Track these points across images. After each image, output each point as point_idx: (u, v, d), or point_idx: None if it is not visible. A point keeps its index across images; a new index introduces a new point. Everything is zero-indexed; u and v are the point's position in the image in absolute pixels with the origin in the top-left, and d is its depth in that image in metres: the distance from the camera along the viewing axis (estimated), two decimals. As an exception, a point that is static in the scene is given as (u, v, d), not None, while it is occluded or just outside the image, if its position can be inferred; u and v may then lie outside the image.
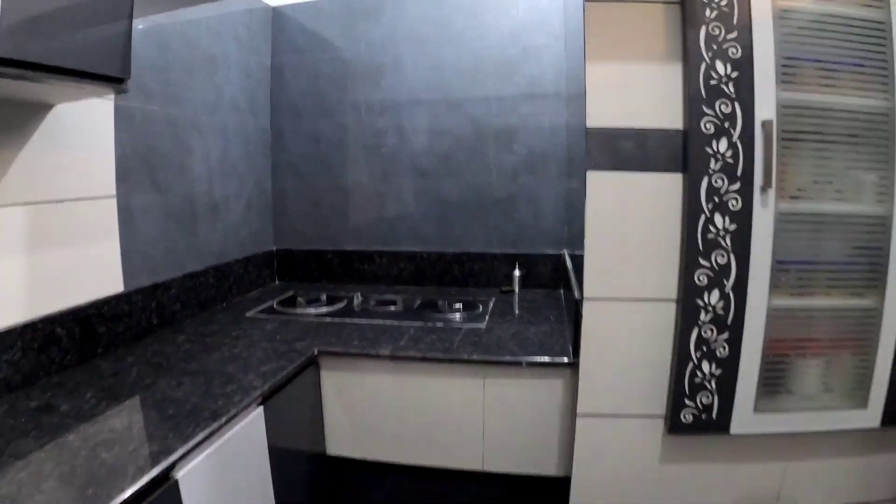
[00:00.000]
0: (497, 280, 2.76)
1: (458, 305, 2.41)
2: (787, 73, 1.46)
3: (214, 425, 1.40)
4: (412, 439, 1.98)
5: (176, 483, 1.25)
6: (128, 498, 1.09)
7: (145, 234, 2.11)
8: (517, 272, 2.60)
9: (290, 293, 2.74)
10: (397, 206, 2.86)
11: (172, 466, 1.24)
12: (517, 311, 2.41)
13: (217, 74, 2.51)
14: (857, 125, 1.49)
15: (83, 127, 1.81)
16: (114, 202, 1.95)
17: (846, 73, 1.48)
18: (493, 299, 2.59)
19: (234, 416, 1.49)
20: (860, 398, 1.57)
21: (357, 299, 2.56)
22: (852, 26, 1.46)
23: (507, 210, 2.73)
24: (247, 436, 1.56)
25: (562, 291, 2.65)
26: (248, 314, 2.41)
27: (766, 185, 1.45)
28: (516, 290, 2.61)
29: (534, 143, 2.67)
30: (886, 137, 1.48)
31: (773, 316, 1.52)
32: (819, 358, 1.57)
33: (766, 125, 1.44)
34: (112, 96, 1.91)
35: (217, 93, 2.52)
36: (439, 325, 2.23)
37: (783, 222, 1.49)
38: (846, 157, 1.50)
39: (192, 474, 1.30)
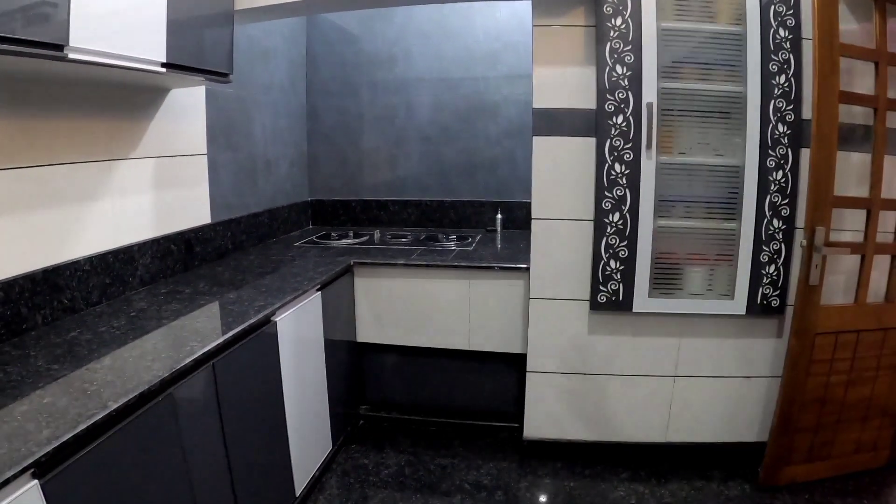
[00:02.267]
0: (484, 222, 3.56)
1: (453, 237, 3.22)
2: (670, 70, 2.21)
3: (290, 297, 2.18)
4: (418, 327, 2.78)
5: (275, 324, 2.06)
6: (251, 325, 1.88)
7: (224, 182, 2.90)
8: (499, 215, 3.41)
9: (324, 231, 3.54)
10: (406, 165, 3.66)
11: (273, 314, 2.04)
12: (498, 243, 3.21)
13: (269, 63, 3.29)
14: (726, 105, 2.23)
15: (187, 104, 2.59)
16: (205, 158, 2.74)
17: (719, 69, 2.22)
18: (480, 235, 3.38)
19: (305, 291, 2.29)
20: (729, 292, 2.34)
21: (377, 235, 3.36)
22: (720, 36, 2.20)
23: (492, 167, 3.51)
24: (310, 309, 2.36)
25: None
26: (296, 244, 3.22)
27: (648, 145, 2.23)
28: (498, 228, 3.42)
29: (513, 116, 3.44)
30: (740, 112, 2.23)
31: (661, 232, 2.30)
32: (700, 265, 2.35)
33: (648, 106, 2.21)
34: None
35: (270, 77, 3.30)
36: (438, 248, 3.03)
37: (664, 170, 2.27)
38: (720, 126, 2.25)
39: (284, 321, 2.11)
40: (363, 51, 3.60)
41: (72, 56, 1.56)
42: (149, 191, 2.40)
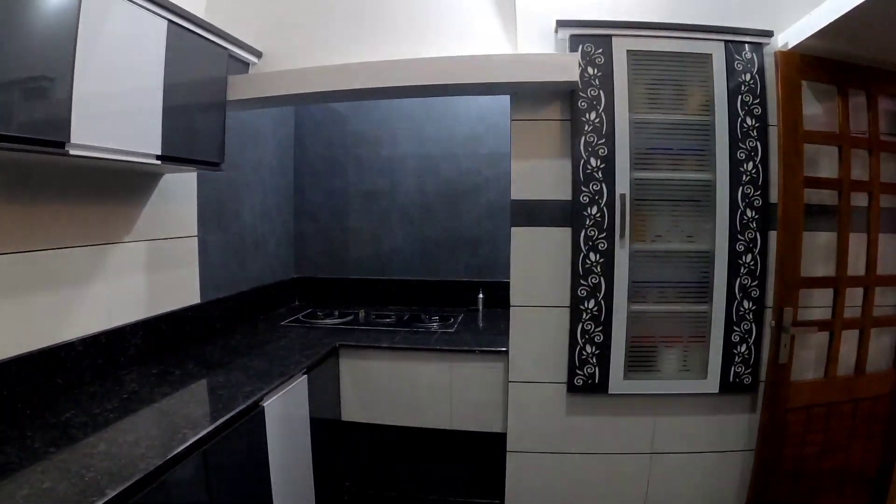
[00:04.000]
0: (467, 301, 3.64)
1: (436, 318, 3.29)
2: (642, 160, 2.33)
3: (277, 381, 2.22)
4: (401, 407, 2.81)
5: (263, 409, 2.09)
6: (240, 411, 1.92)
7: (214, 262, 2.97)
8: (481, 295, 3.50)
9: (310, 310, 3.60)
10: (391, 244, 3.76)
11: (261, 399, 2.08)
12: (480, 323, 3.28)
13: (259, 144, 3.42)
14: (697, 192, 2.35)
15: (179, 187, 2.68)
16: (195, 240, 2.82)
17: (689, 157, 2.35)
18: (462, 315, 3.45)
19: (291, 376, 2.33)
20: (702, 372, 2.41)
21: (361, 314, 3.42)
22: (689, 126, 2.33)
23: (473, 247, 3.62)
24: (297, 391, 2.40)
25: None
26: (282, 323, 3.27)
27: (622, 234, 2.34)
28: (480, 308, 3.50)
29: (494, 198, 3.58)
30: (710, 199, 2.34)
31: (636, 317, 2.38)
32: (673, 347, 2.43)
33: (622, 197, 2.34)
34: (197, 168, 2.80)
35: (259, 157, 3.43)
36: (421, 330, 3.10)
37: (637, 257, 2.37)
38: (691, 212, 2.37)
39: (272, 405, 2.14)
40: (350, 131, 3.75)
41: (73, 152, 1.66)
42: (141, 273, 2.46)
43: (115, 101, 1.81)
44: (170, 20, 2.03)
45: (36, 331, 1.96)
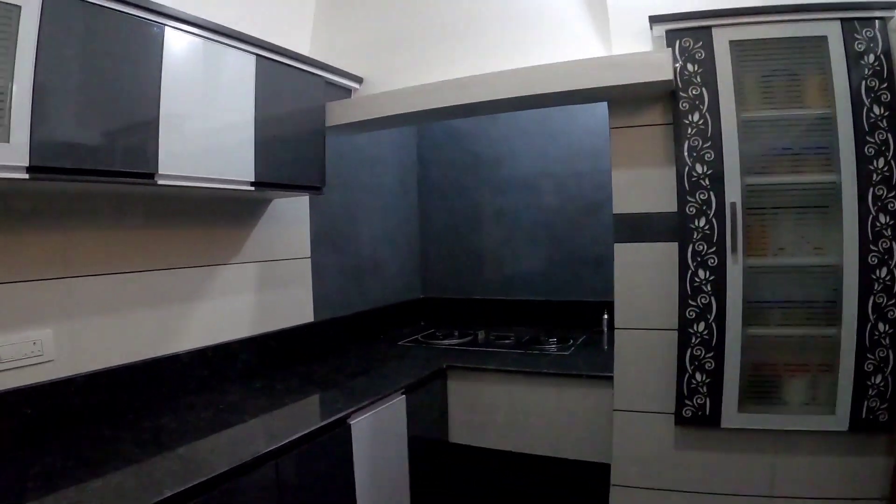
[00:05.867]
0: (591, 322, 3.43)
1: (553, 339, 3.14)
2: (755, 164, 2.06)
3: (366, 401, 2.22)
4: (508, 431, 2.70)
5: (350, 426, 2.11)
6: (320, 427, 1.95)
7: (329, 283, 3.08)
8: (605, 316, 3.28)
9: (431, 330, 3.61)
10: (514, 264, 3.67)
11: (348, 416, 2.10)
12: (604, 345, 3.07)
13: (377, 168, 3.51)
14: (821, 196, 2.03)
15: (290, 211, 2.81)
16: (308, 261, 2.94)
17: (810, 157, 2.04)
18: (584, 337, 3.27)
19: (387, 395, 2.33)
20: (830, 406, 2.06)
21: (481, 336, 3.37)
22: (807, 122, 2.03)
23: (597, 266, 3.42)
24: (394, 412, 2.39)
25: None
26: (400, 343, 3.31)
27: (733, 248, 2.07)
28: (605, 329, 3.28)
29: (618, 213, 3.37)
30: (838, 204, 2.00)
31: (751, 341, 2.09)
32: (794, 377, 2.12)
33: (731, 206, 2.07)
34: (309, 190, 2.92)
35: (378, 181, 3.52)
36: (536, 352, 2.97)
37: (753, 274, 2.09)
38: (817, 220, 2.06)
39: (361, 423, 2.16)
40: (470, 151, 3.74)
41: (161, 182, 1.81)
42: (250, 292, 2.61)
43: (202, 133, 1.95)
44: (258, 55, 2.15)
45: (143, 342, 2.16)
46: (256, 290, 2.63)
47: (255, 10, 2.50)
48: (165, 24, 1.80)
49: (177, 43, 1.85)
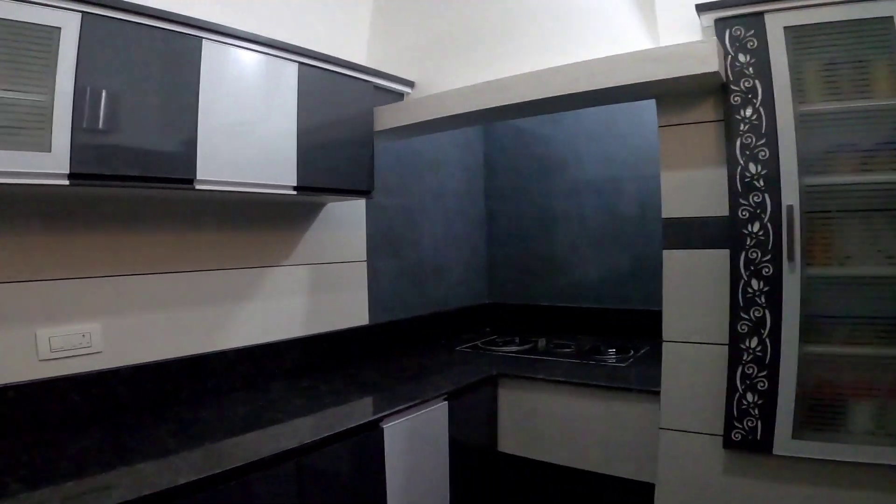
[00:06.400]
0: (657, 332, 3.22)
1: (612, 350, 2.98)
2: (816, 163, 1.85)
3: (405, 405, 2.20)
4: (555, 443, 2.59)
5: (382, 430, 2.10)
6: (347, 430, 1.95)
7: (386, 287, 3.09)
8: (674, 326, 3.08)
9: (493, 336, 3.54)
10: (579, 270, 3.53)
11: (380, 420, 2.09)
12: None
13: (440, 172, 3.49)
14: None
15: (345, 215, 2.85)
16: (364, 265, 2.97)
17: (884, 153, 1.79)
18: (647, 348, 3.08)
19: (426, 401, 2.30)
20: None
21: (541, 343, 3.26)
22: (879, 113, 1.79)
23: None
24: (434, 417, 2.35)
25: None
26: (458, 348, 3.26)
27: (790, 256, 1.87)
28: (671, 341, 3.08)
29: (690, 218, 3.16)
30: None
31: (810, 360, 1.88)
32: (858, 402, 1.88)
33: (788, 209, 1.87)
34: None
35: (440, 185, 3.50)
36: (592, 363, 2.84)
37: (814, 285, 1.88)
38: (890, 226, 1.81)
39: (393, 428, 2.14)
40: (536, 155, 3.64)
41: (199, 187, 1.88)
42: (301, 294, 2.66)
43: (243, 139, 2.00)
44: (300, 63, 2.19)
45: (190, 339, 2.25)
46: (308, 292, 2.68)
47: (313, 23, 2.59)
48: (203, 37, 1.88)
49: (214, 54, 1.92)
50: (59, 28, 1.57)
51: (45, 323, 1.88)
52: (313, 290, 2.71)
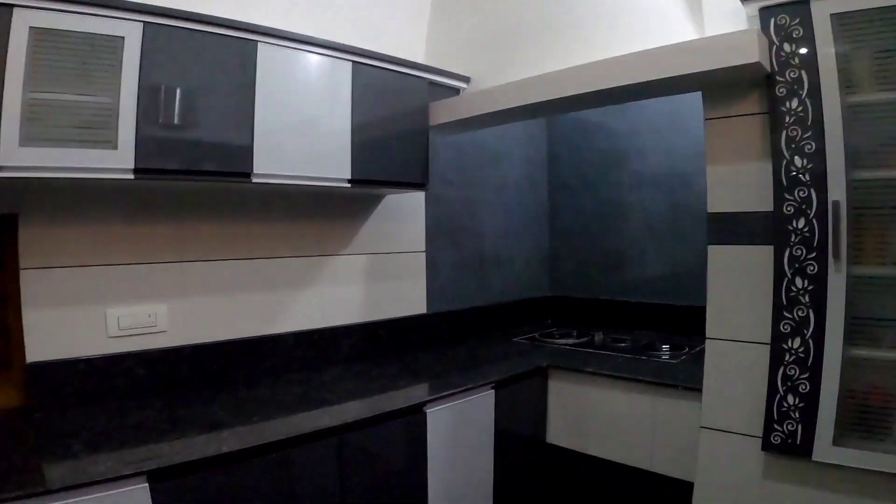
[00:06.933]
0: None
1: (666, 346, 2.93)
2: (866, 157, 1.77)
3: (449, 391, 2.28)
4: (603, 437, 2.60)
5: (425, 414, 2.18)
6: (393, 410, 2.06)
7: (445, 277, 3.16)
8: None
9: (552, 329, 3.54)
10: (641, 265, 3.48)
11: (424, 404, 2.18)
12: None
13: (502, 164, 3.52)
14: None
15: (404, 207, 2.94)
16: (423, 255, 3.05)
17: None
18: (703, 345, 2.99)
19: (472, 388, 2.37)
20: None
21: (598, 337, 3.24)
22: None
23: (729, 270, 3.12)
24: (480, 405, 2.42)
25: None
26: (515, 339, 3.29)
27: (836, 254, 1.79)
28: (732, 339, 2.99)
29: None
30: None
31: (855, 364, 1.79)
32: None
33: (834, 205, 1.79)
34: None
35: (502, 177, 3.52)
36: (643, 358, 2.80)
37: (862, 285, 1.79)
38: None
39: (437, 413, 2.22)
40: (598, 148, 3.60)
41: (256, 180, 2.02)
42: (360, 282, 2.77)
43: (299, 134, 2.13)
44: (354, 61, 2.29)
45: (249, 322, 2.42)
46: (367, 280, 2.80)
47: (374, 25, 2.74)
48: (258, 41, 2.01)
49: (269, 55, 2.05)
50: (123, 37, 1.74)
51: (115, 303, 2.09)
52: (372, 278, 2.82)
